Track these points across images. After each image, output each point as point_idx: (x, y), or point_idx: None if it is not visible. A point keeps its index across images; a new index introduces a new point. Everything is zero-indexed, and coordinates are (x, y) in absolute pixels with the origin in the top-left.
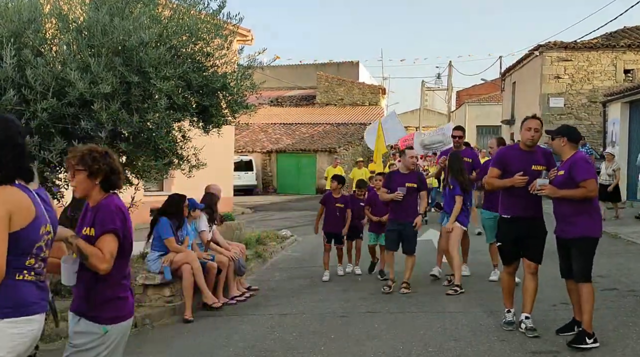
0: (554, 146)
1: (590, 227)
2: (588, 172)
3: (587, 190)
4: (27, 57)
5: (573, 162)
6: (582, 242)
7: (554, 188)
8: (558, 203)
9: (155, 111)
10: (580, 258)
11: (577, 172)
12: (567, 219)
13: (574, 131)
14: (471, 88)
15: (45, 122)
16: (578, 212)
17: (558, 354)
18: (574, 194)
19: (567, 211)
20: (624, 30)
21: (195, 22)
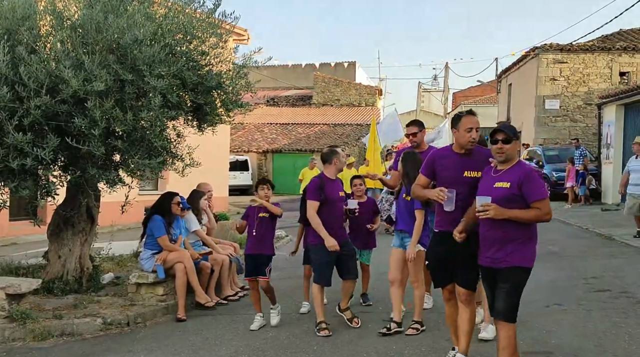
0: (508, 150)
1: (526, 255)
2: (543, 189)
3: (542, 212)
4: (21, 54)
5: (526, 175)
6: (516, 274)
7: (501, 208)
8: (493, 225)
9: (149, 109)
10: (511, 292)
11: (531, 190)
12: (499, 245)
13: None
14: (467, 90)
15: (39, 119)
16: (516, 237)
17: (550, 355)
18: (524, 216)
19: (502, 235)
20: (620, 32)
21: (190, 21)
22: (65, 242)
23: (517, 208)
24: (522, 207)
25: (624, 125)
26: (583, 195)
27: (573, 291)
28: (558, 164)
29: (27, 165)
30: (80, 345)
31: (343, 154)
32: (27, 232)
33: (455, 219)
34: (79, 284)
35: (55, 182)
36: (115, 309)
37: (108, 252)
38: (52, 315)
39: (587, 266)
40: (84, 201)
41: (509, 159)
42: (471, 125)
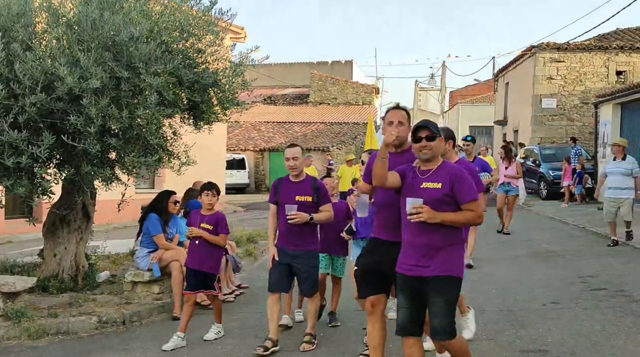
0: (433, 148)
1: (457, 264)
2: (475, 190)
3: (475, 215)
4: (16, 51)
5: (456, 174)
6: (450, 284)
7: (432, 211)
8: (422, 229)
9: (145, 107)
10: (448, 307)
11: (463, 190)
12: (428, 252)
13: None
14: (464, 88)
15: (34, 117)
16: (446, 242)
17: (546, 353)
18: (458, 219)
19: (432, 241)
20: (617, 32)
21: (186, 18)
22: (60, 240)
23: (448, 210)
24: (454, 209)
25: (621, 124)
26: (579, 194)
27: (569, 289)
28: (555, 163)
29: (23, 163)
30: (75, 344)
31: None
32: (22, 230)
33: (390, 226)
34: (74, 282)
35: (50, 180)
36: (111, 308)
37: (104, 250)
38: (47, 313)
39: (584, 264)
40: (80, 199)
41: (434, 158)
42: (391, 119)
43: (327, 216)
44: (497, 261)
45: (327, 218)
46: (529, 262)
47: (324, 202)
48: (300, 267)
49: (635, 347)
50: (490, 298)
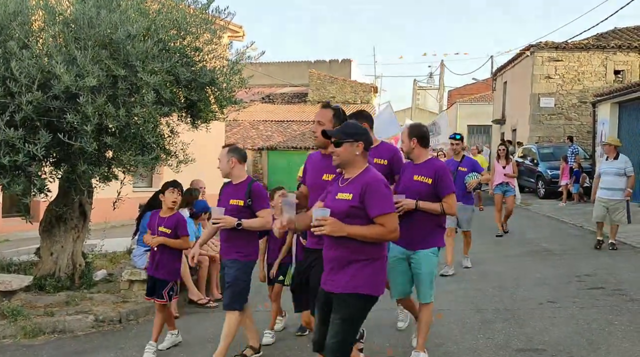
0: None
1: (368, 281)
2: (389, 202)
3: (386, 230)
4: (13, 49)
5: (367, 185)
6: (352, 303)
7: (339, 224)
8: (333, 242)
9: (142, 105)
10: (343, 327)
11: (373, 202)
12: (338, 267)
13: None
14: (462, 87)
15: (30, 115)
16: (357, 257)
17: (543, 352)
18: (365, 233)
19: (342, 255)
20: (615, 31)
21: (183, 17)
22: (57, 238)
23: (360, 224)
24: (365, 222)
25: (619, 123)
26: (577, 193)
27: (566, 288)
28: (553, 162)
29: (19, 161)
30: (71, 342)
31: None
32: (20, 228)
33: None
34: (71, 281)
35: (46, 178)
36: (108, 306)
37: (101, 249)
38: (44, 312)
39: (581, 263)
40: (77, 197)
41: (347, 165)
42: (315, 118)
43: (260, 222)
44: (494, 259)
45: (260, 225)
46: (526, 261)
47: (259, 207)
48: (225, 277)
49: (632, 345)
50: (488, 297)
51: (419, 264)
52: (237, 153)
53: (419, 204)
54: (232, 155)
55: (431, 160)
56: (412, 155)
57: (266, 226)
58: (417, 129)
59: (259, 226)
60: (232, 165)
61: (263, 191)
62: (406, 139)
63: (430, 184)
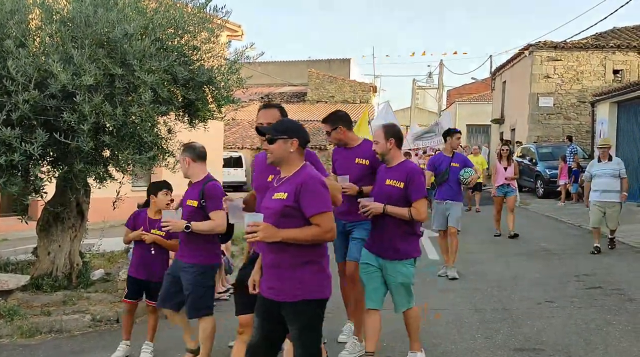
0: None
1: (313, 284)
2: (324, 201)
3: (321, 230)
4: (9, 47)
5: (304, 183)
6: (306, 310)
7: (272, 229)
8: (269, 247)
9: (139, 104)
10: (307, 334)
11: (309, 201)
12: (278, 273)
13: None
14: (461, 87)
15: (27, 114)
16: (299, 261)
17: (541, 352)
18: (300, 236)
19: (278, 261)
20: (614, 30)
21: (181, 15)
22: (54, 238)
23: (296, 224)
24: (302, 222)
25: (617, 122)
26: (575, 192)
27: (565, 288)
28: (551, 161)
29: (16, 160)
30: (68, 342)
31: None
32: (17, 228)
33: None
34: (68, 280)
35: (43, 178)
36: (105, 306)
37: (98, 248)
38: (41, 312)
39: (579, 263)
40: (74, 196)
41: (278, 163)
42: (264, 120)
43: (209, 225)
44: (492, 259)
45: (209, 228)
46: (524, 260)
47: (211, 209)
48: (183, 282)
49: (630, 345)
50: (486, 297)
51: (394, 276)
52: (191, 151)
53: (386, 208)
54: (185, 155)
55: (404, 163)
56: (388, 156)
57: (216, 230)
58: (393, 129)
59: (208, 229)
60: (187, 165)
61: (217, 191)
62: (382, 140)
63: (402, 188)
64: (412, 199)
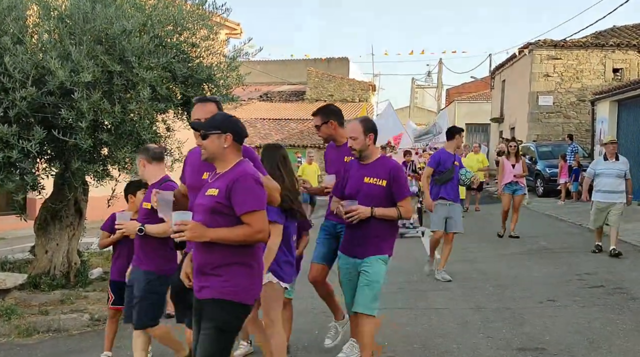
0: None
1: (240, 286)
2: (257, 198)
3: (252, 230)
4: (7, 44)
5: (235, 180)
6: (220, 308)
7: (201, 228)
8: (197, 245)
9: (138, 101)
10: (212, 334)
11: (238, 198)
12: (203, 270)
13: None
14: (461, 86)
15: (25, 111)
16: (229, 260)
17: (544, 352)
18: (230, 236)
19: (208, 259)
20: (613, 29)
21: (180, 12)
22: (52, 236)
23: (227, 222)
24: (233, 220)
25: (618, 121)
26: (575, 191)
27: (567, 287)
28: (551, 160)
29: (13, 158)
30: (66, 341)
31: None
32: (15, 226)
33: None
34: (66, 279)
35: (40, 175)
36: (103, 305)
37: (97, 247)
38: (38, 311)
39: (581, 262)
40: (71, 195)
41: (213, 159)
42: (202, 116)
43: (163, 228)
44: (493, 258)
45: (162, 230)
46: (525, 259)
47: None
48: (134, 289)
49: (634, 345)
50: (487, 296)
51: (366, 272)
52: (145, 153)
53: (375, 211)
54: (140, 157)
55: (382, 159)
56: (366, 153)
57: (169, 232)
58: (372, 123)
59: (162, 232)
60: (142, 167)
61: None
62: (360, 135)
63: (384, 187)
64: (398, 198)
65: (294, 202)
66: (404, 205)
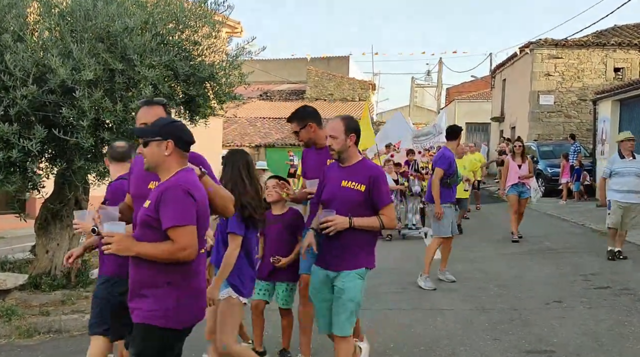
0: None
1: (162, 309)
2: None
3: (175, 247)
4: (7, 42)
5: (164, 192)
6: (140, 333)
7: (126, 241)
8: (132, 262)
9: (139, 100)
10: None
11: (163, 213)
12: (133, 289)
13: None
14: (461, 85)
15: (25, 109)
16: (158, 281)
17: (553, 354)
18: (153, 252)
19: (137, 277)
20: (614, 28)
21: (182, 9)
22: (53, 236)
23: (156, 236)
24: (160, 236)
25: (619, 121)
26: (577, 191)
27: (572, 287)
28: (553, 159)
29: (13, 157)
30: (67, 342)
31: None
32: (15, 226)
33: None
34: (67, 279)
35: (41, 174)
36: None
37: None
38: (39, 311)
39: (585, 262)
40: (72, 194)
41: (154, 169)
42: (148, 120)
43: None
44: (496, 258)
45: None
46: (528, 259)
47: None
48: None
49: None
50: (492, 297)
51: (340, 288)
52: (108, 152)
53: (353, 222)
54: (105, 157)
55: (363, 162)
56: (345, 154)
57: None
58: (354, 122)
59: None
60: (108, 166)
61: (112, 189)
62: (341, 135)
63: (363, 192)
64: (379, 205)
65: (256, 211)
66: (386, 213)
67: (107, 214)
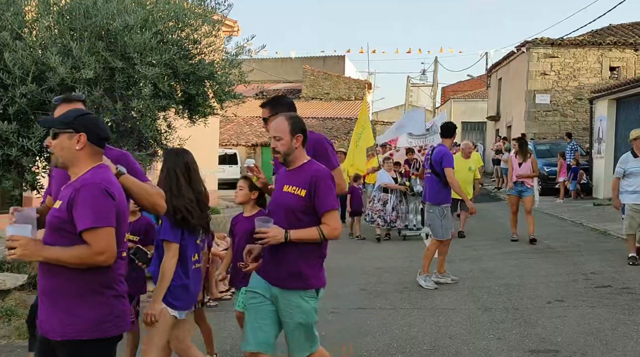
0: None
1: (94, 320)
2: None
3: (89, 250)
4: (6, 40)
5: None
6: (77, 352)
7: (35, 244)
8: (43, 270)
9: (139, 98)
10: None
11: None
12: (45, 301)
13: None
14: (456, 84)
15: (24, 108)
16: (78, 291)
17: (558, 354)
18: (62, 257)
19: (50, 286)
20: (610, 27)
21: (181, 8)
22: None
23: (69, 240)
24: (74, 241)
25: (616, 119)
26: (574, 190)
27: (573, 286)
28: (549, 158)
29: (12, 155)
30: None
31: None
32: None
33: None
34: None
35: (39, 173)
36: None
37: None
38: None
39: (585, 261)
40: None
41: (64, 165)
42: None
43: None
44: (496, 257)
45: None
46: (529, 258)
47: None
48: None
49: None
50: (494, 296)
51: (290, 312)
52: None
53: (289, 235)
54: None
55: (309, 164)
56: (292, 157)
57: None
58: (301, 122)
59: None
60: None
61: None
62: (286, 136)
63: (304, 197)
64: (319, 211)
65: (193, 215)
66: (328, 221)
67: (23, 215)
